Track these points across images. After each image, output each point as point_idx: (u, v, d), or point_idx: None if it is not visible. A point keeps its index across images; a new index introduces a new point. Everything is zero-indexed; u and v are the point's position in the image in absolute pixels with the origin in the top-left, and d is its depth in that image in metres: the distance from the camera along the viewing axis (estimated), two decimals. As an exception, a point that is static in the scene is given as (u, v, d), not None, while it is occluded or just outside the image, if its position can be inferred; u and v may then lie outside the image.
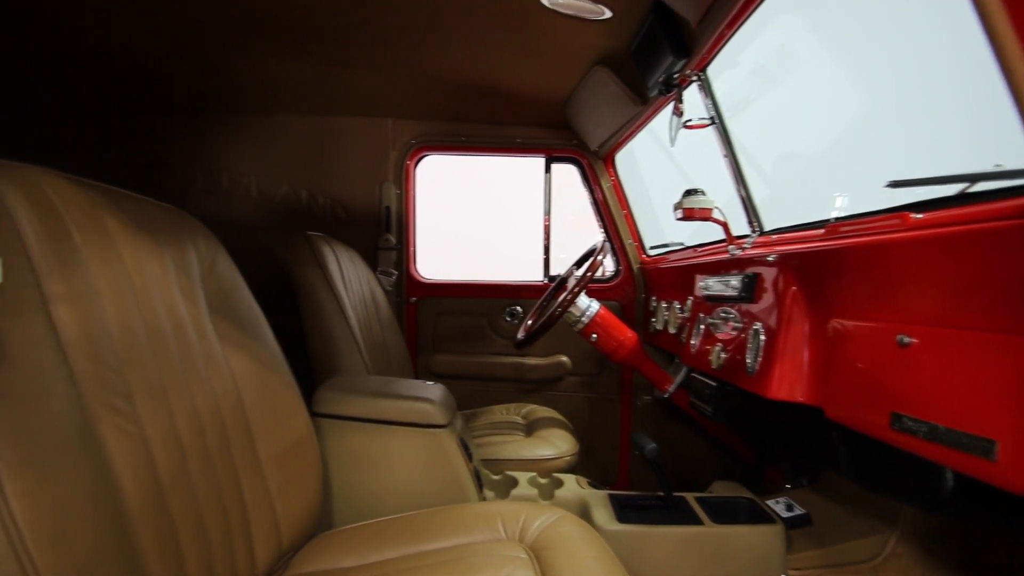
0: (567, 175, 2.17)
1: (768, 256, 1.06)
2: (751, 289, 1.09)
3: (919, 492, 0.82)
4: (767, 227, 1.30)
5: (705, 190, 1.24)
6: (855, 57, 1.74)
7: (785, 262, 1.01)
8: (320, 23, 1.34)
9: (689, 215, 1.22)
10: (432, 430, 1.16)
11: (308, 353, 1.47)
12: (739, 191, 1.34)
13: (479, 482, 1.23)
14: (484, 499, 1.23)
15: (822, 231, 0.97)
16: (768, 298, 1.05)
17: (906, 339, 0.72)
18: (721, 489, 1.38)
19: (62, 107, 1.99)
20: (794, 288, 0.98)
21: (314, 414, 1.10)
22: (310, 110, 2.04)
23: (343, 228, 2.09)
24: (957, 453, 0.64)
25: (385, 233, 2.10)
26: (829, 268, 0.90)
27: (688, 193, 1.24)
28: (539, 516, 0.93)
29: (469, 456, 1.22)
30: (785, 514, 1.32)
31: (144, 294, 0.72)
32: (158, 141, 2.05)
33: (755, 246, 1.20)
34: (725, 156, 1.36)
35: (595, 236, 2.16)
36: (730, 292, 1.17)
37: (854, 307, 0.85)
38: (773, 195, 1.53)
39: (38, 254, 0.55)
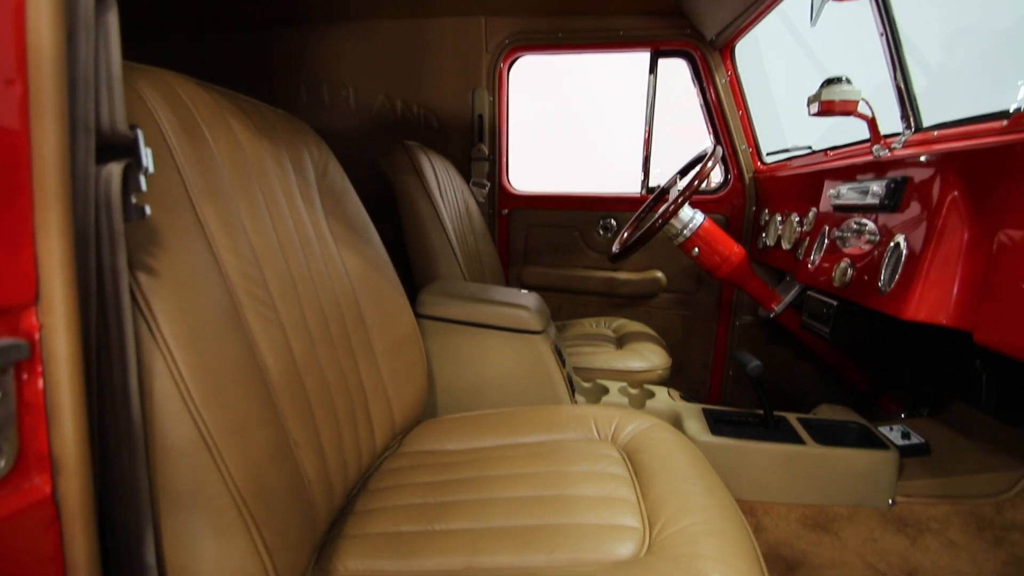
0: (671, 77, 1.95)
1: (923, 156, 0.90)
2: (897, 196, 0.95)
3: None
4: (925, 124, 1.09)
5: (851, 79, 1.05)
6: None
7: (947, 162, 0.85)
8: None
9: (828, 109, 1.04)
10: (527, 335, 1.19)
11: (408, 259, 1.54)
12: (895, 79, 1.12)
13: (571, 388, 1.27)
14: (576, 404, 1.27)
15: (1002, 123, 0.80)
16: (918, 206, 0.90)
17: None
18: (828, 412, 1.31)
19: (158, 27, 2.09)
20: (955, 193, 0.83)
21: (417, 315, 1.17)
22: (402, 12, 1.98)
23: (437, 138, 2.09)
24: None
25: (478, 143, 2.07)
26: (1008, 167, 0.74)
27: (828, 83, 1.05)
28: (632, 421, 0.94)
29: (563, 362, 1.25)
30: (900, 442, 1.24)
31: (270, 195, 0.77)
32: (257, 56, 2.12)
33: (907, 145, 1.02)
34: (881, 35, 1.13)
35: (695, 150, 1.97)
36: (869, 200, 1.02)
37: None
38: (931, 87, 1.28)
39: (179, 151, 0.60)
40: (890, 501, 1.13)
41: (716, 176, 1.96)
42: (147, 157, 0.43)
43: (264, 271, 0.69)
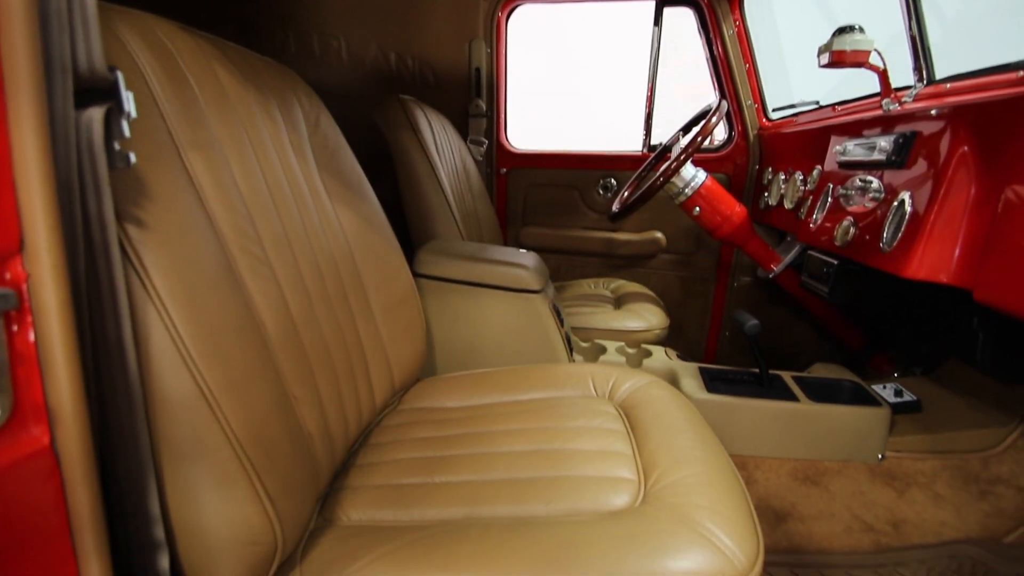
0: (674, 31, 1.87)
1: (933, 110, 0.87)
2: (905, 151, 0.92)
3: None
4: (938, 76, 1.06)
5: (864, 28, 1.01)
6: None
7: (958, 116, 0.83)
8: None
9: (839, 60, 1.00)
10: (526, 294, 1.19)
11: (405, 218, 1.52)
12: (910, 29, 1.08)
13: (569, 347, 1.27)
14: (574, 362, 1.28)
15: (1018, 74, 0.77)
16: (925, 162, 0.88)
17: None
18: (822, 371, 1.32)
19: None
20: (965, 149, 0.81)
21: (415, 274, 1.16)
22: None
23: (433, 93, 2.02)
24: None
25: (475, 98, 2.01)
26: (1022, 120, 0.72)
27: (840, 32, 1.01)
28: (629, 379, 0.95)
29: (561, 322, 1.25)
30: (893, 399, 1.26)
31: (260, 147, 0.74)
32: (243, 0, 2.01)
33: (918, 99, 0.99)
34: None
35: (699, 107, 1.92)
36: (876, 156, 1.00)
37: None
38: (947, 38, 1.23)
39: (162, 98, 0.58)
40: (880, 456, 1.16)
41: (720, 133, 1.92)
42: (129, 101, 0.41)
43: (257, 226, 0.68)
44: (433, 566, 0.56)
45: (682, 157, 1.29)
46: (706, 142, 1.31)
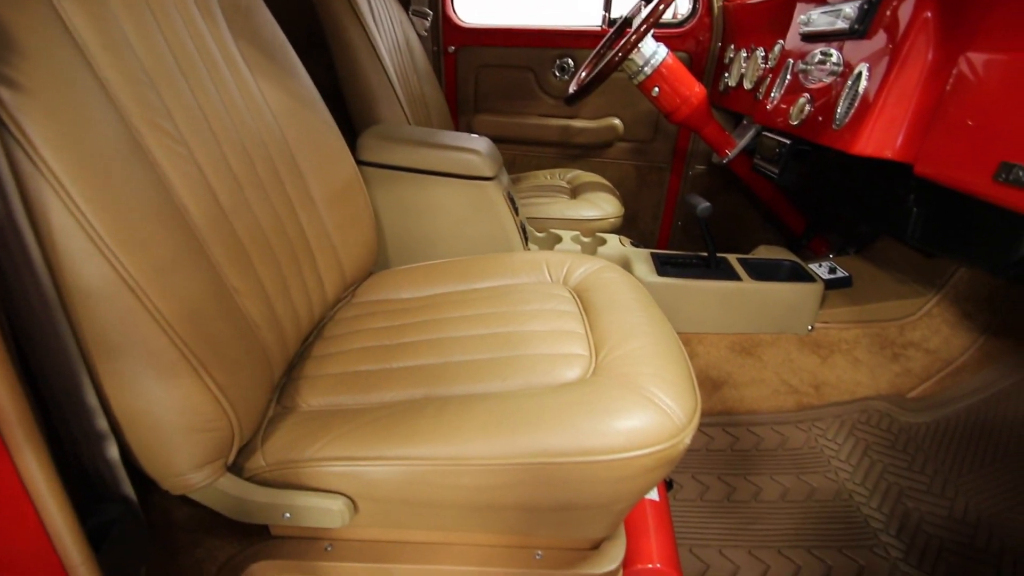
0: None
1: None
2: (868, 18, 0.89)
3: (991, 254, 0.79)
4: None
5: None
6: None
7: (926, -24, 0.79)
8: None
9: None
10: (479, 182, 1.14)
11: (345, 103, 1.39)
12: None
13: (525, 237, 1.26)
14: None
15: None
16: (887, 31, 0.85)
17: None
18: (766, 252, 1.38)
19: None
20: (928, 14, 0.78)
21: (359, 162, 1.08)
22: None
23: None
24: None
25: (416, -40, 1.77)
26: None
27: None
28: (583, 264, 0.96)
29: (516, 210, 1.23)
30: (826, 276, 1.34)
31: (158, 3, 0.63)
32: None
33: (889, -42, 0.93)
34: None
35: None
36: (839, 25, 0.95)
37: (1003, 33, 0.68)
38: None
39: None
40: (809, 327, 1.26)
41: (683, 6, 1.79)
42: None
43: (164, 97, 0.59)
44: (394, 439, 0.58)
45: (643, 28, 1.20)
46: (668, 14, 1.22)
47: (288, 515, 0.60)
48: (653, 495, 0.85)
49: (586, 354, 0.69)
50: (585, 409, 0.58)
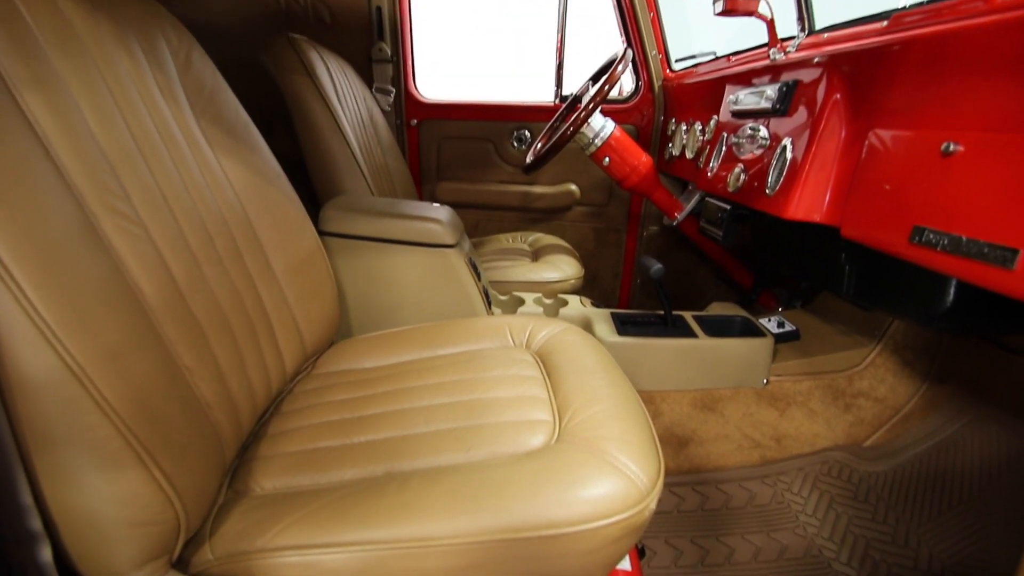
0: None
1: (815, 58, 0.94)
2: (787, 99, 0.99)
3: (918, 307, 0.85)
4: (818, 26, 1.13)
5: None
6: None
7: (833, 64, 0.90)
8: None
9: (731, 8, 1.04)
10: (440, 249, 1.17)
11: (309, 175, 1.42)
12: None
13: (488, 301, 1.28)
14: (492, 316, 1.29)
15: (883, 24, 0.85)
16: (804, 109, 0.96)
17: (952, 147, 0.67)
18: (718, 309, 1.44)
19: None
20: (837, 96, 0.88)
21: (321, 233, 1.10)
22: None
23: (330, 35, 1.86)
24: (974, 264, 0.63)
25: (379, 42, 1.88)
26: (884, 68, 0.79)
27: None
28: (545, 327, 0.97)
29: (478, 276, 1.25)
30: (776, 330, 1.41)
31: (119, 89, 0.65)
32: None
33: (801, 49, 1.06)
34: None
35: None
36: (763, 104, 1.06)
37: (901, 113, 0.78)
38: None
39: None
40: (764, 381, 1.30)
41: (627, 84, 1.95)
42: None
43: (122, 179, 0.60)
44: (351, 523, 0.56)
45: (591, 106, 1.30)
46: (614, 92, 1.33)
47: None
48: (625, 565, 0.83)
49: (550, 419, 0.70)
50: (549, 478, 0.57)
